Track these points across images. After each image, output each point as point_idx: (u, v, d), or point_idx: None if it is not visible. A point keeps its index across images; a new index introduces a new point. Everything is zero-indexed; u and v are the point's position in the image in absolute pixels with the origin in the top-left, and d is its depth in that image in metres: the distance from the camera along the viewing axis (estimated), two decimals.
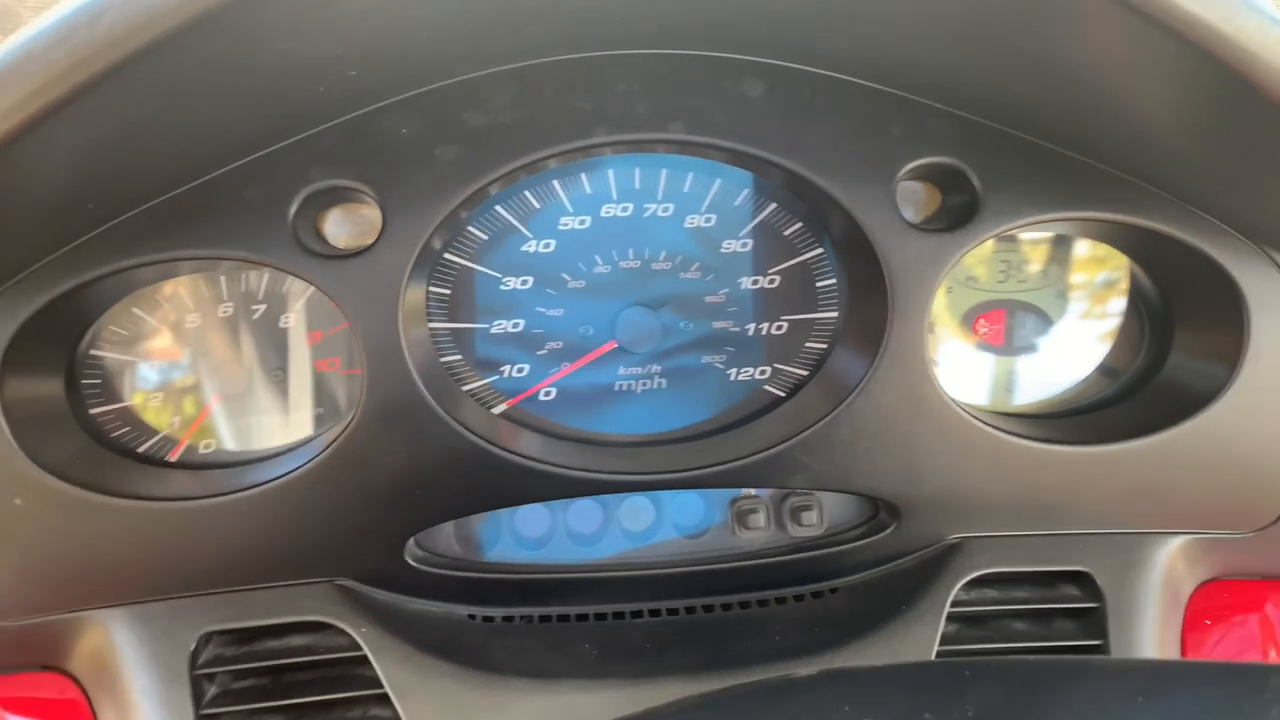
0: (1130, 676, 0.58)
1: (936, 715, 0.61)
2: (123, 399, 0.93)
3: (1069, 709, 0.57)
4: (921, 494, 0.90)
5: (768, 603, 0.95)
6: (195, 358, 0.94)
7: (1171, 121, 0.76)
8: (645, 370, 0.96)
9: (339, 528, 0.86)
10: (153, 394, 0.94)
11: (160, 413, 0.94)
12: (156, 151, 0.75)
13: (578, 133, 0.83)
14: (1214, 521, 0.94)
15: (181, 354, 0.94)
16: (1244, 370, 0.87)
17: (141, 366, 0.93)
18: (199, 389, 0.94)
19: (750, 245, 0.96)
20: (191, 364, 0.94)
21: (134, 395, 0.93)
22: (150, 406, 0.93)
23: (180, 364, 0.94)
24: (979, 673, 0.66)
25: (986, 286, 1.01)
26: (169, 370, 0.94)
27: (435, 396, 0.84)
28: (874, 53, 0.81)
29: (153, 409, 0.94)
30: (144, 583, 0.86)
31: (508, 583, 0.93)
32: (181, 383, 0.94)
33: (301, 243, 0.81)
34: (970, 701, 0.62)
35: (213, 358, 0.94)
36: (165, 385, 0.94)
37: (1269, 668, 0.55)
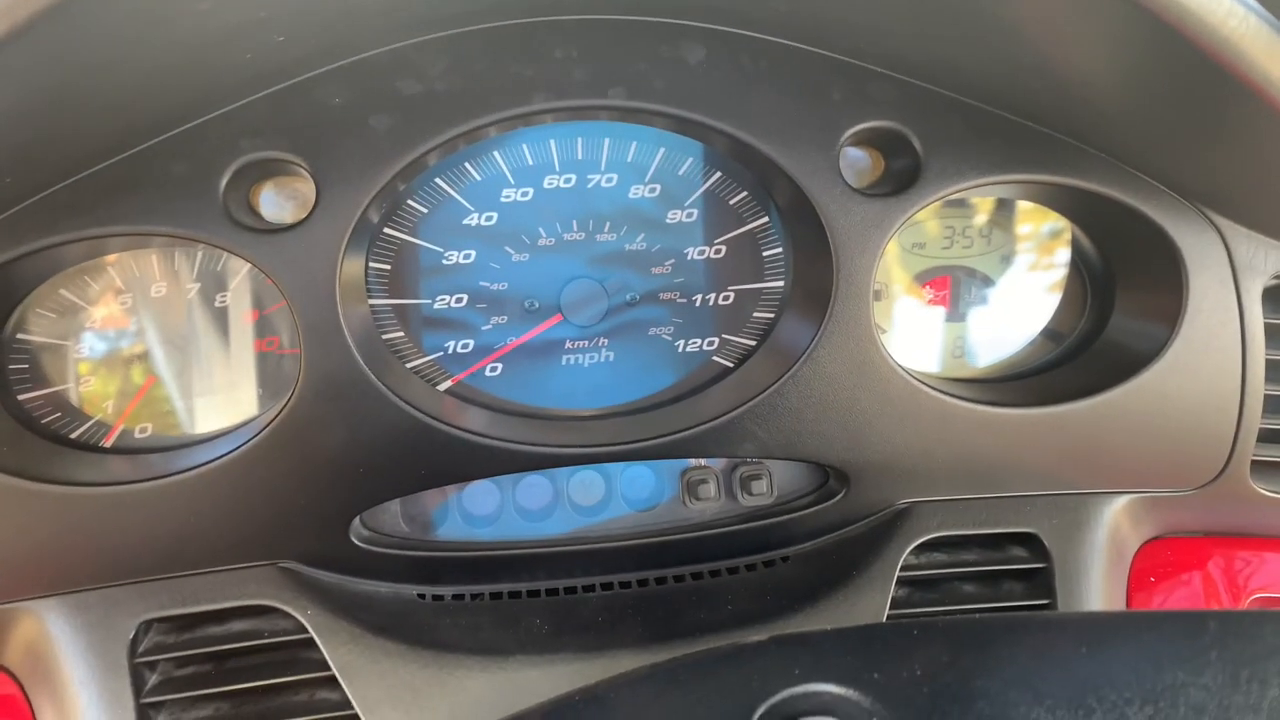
0: (1073, 628, 0.59)
1: (885, 675, 0.62)
2: (52, 384, 0.90)
3: (1014, 662, 0.58)
4: (869, 459, 0.90)
5: (720, 573, 0.95)
6: (128, 339, 0.91)
7: (1108, 82, 0.76)
8: (592, 343, 0.95)
9: (281, 509, 0.84)
10: (84, 378, 0.91)
11: (93, 397, 0.91)
12: (77, 123, 0.73)
13: (516, 100, 0.81)
14: (1157, 480, 0.95)
15: (113, 336, 0.91)
16: (1183, 329, 0.88)
17: (71, 349, 0.90)
18: (133, 372, 0.91)
19: (696, 215, 0.95)
20: (124, 346, 0.91)
21: (64, 380, 0.90)
22: (82, 391, 0.91)
23: (112, 346, 0.91)
24: (926, 632, 0.66)
25: (932, 253, 1.01)
26: (101, 353, 0.91)
27: (377, 373, 0.82)
28: (813, 16, 0.81)
29: (84, 393, 0.91)
30: (79, 571, 0.84)
31: (457, 560, 0.92)
32: (114, 366, 0.91)
33: (233, 217, 0.79)
34: (918, 660, 0.62)
35: (146, 339, 0.91)
36: (97, 369, 0.91)
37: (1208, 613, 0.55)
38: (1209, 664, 0.49)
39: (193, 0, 0.61)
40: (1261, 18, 0.63)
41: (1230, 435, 0.92)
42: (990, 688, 0.57)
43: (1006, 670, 0.58)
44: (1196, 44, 0.62)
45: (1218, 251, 0.88)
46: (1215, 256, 0.88)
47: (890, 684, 0.60)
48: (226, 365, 0.93)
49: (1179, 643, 0.53)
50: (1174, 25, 0.62)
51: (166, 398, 0.92)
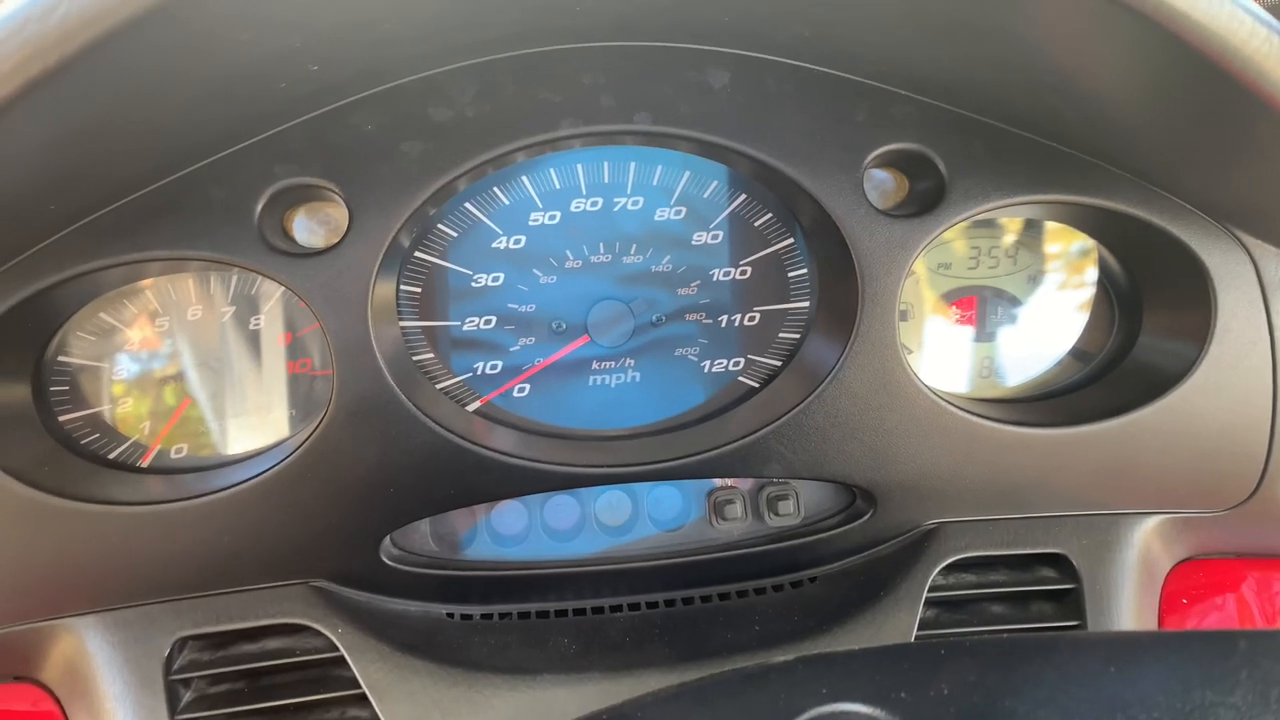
0: (1100, 648, 0.59)
1: (911, 694, 0.61)
2: (91, 405, 0.92)
3: (1042, 682, 0.57)
4: (896, 479, 0.90)
5: (747, 593, 0.95)
6: (164, 362, 0.93)
7: (1131, 102, 0.77)
8: (618, 364, 0.96)
9: (313, 528, 0.86)
10: (122, 400, 0.93)
11: (130, 419, 0.93)
12: (119, 150, 0.75)
13: (544, 125, 0.83)
14: (1187, 500, 0.95)
15: (150, 358, 0.93)
16: (1211, 348, 0.88)
17: (109, 372, 0.92)
18: (169, 393, 0.93)
19: (721, 237, 0.96)
20: (161, 368, 0.93)
21: (103, 402, 0.92)
22: (120, 412, 0.93)
23: (149, 368, 0.93)
24: (953, 651, 0.66)
25: (958, 273, 1.02)
26: (137, 375, 0.93)
27: (408, 394, 0.84)
28: (836, 40, 0.82)
29: (122, 415, 0.93)
30: (116, 589, 0.85)
31: (485, 580, 0.93)
32: (150, 387, 0.93)
33: (268, 241, 0.81)
34: (945, 679, 0.62)
35: (182, 361, 0.93)
36: (135, 391, 0.93)
37: (1238, 632, 0.55)
38: (1239, 683, 0.49)
39: (233, 31, 0.63)
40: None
41: (1262, 455, 0.91)
42: (1018, 708, 0.57)
43: (1034, 690, 0.58)
44: (1219, 65, 0.63)
45: (1246, 270, 0.88)
46: (1244, 275, 0.88)
47: (917, 703, 0.60)
48: (260, 387, 0.94)
49: (1208, 662, 0.52)
50: (1196, 47, 0.62)
51: (201, 419, 0.94)
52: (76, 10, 0.55)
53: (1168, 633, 0.85)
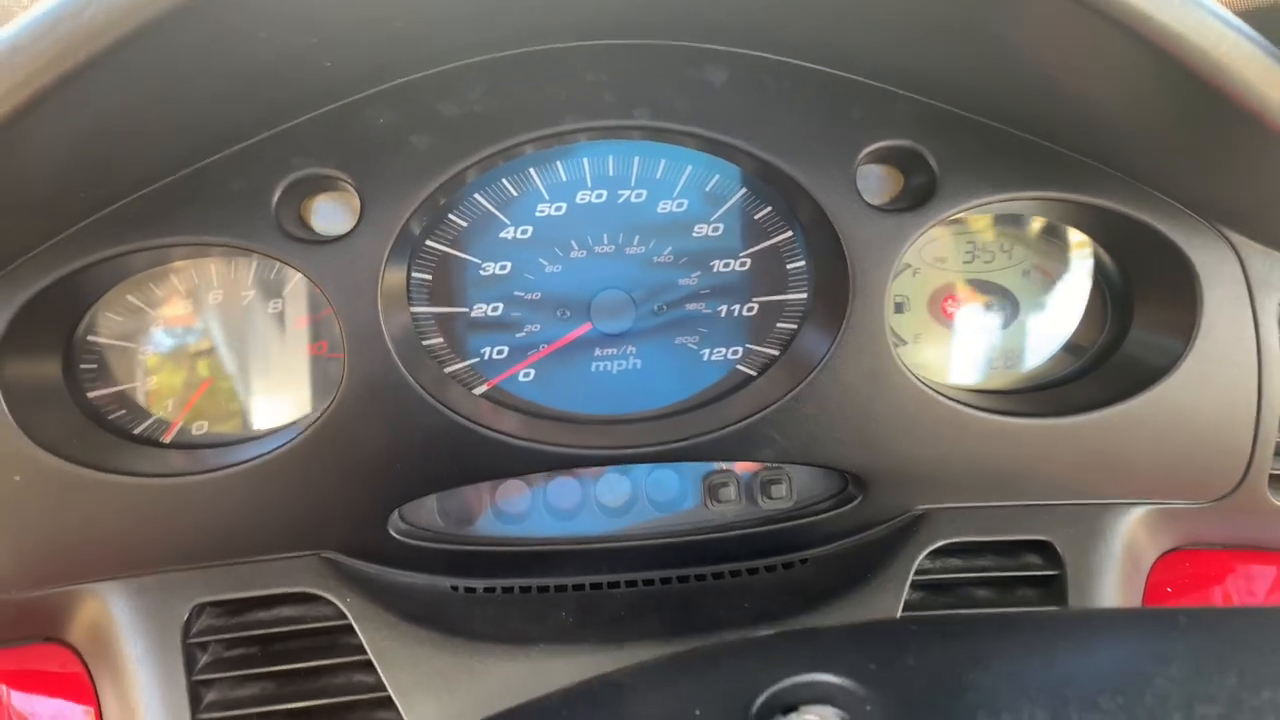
0: (1057, 624, 0.62)
1: (882, 666, 0.65)
2: (118, 383, 0.96)
3: (1002, 655, 0.60)
4: (885, 466, 0.93)
5: (740, 573, 0.98)
6: (188, 343, 0.98)
7: (1116, 105, 0.79)
8: (620, 351, 1.00)
9: (324, 502, 0.90)
10: (148, 378, 0.98)
11: (155, 396, 0.98)
12: (144, 140, 0.79)
13: (547, 120, 0.86)
14: (1173, 491, 0.97)
15: (174, 339, 0.98)
16: (1197, 344, 0.90)
17: (136, 352, 0.97)
18: (192, 372, 0.98)
19: (722, 229, 0.99)
20: (185, 349, 0.98)
21: (130, 379, 0.97)
22: (145, 390, 0.97)
23: (173, 349, 0.98)
24: (923, 627, 0.69)
25: (954, 267, 1.04)
26: (163, 355, 0.98)
27: (417, 376, 0.88)
28: (832, 40, 0.85)
29: (148, 392, 0.98)
30: (139, 556, 0.90)
31: (488, 555, 0.97)
32: (175, 367, 0.98)
33: (284, 229, 0.85)
34: (914, 653, 0.65)
35: (205, 342, 0.98)
36: (160, 369, 0.98)
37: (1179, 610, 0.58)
38: (1175, 657, 0.52)
39: (252, 28, 0.67)
40: (1253, 41, 0.66)
41: (1247, 449, 0.93)
42: (980, 680, 0.60)
43: (995, 663, 0.61)
44: (1191, 69, 0.65)
45: (1232, 268, 0.90)
46: (1230, 273, 0.90)
47: (886, 675, 0.64)
48: (279, 367, 0.99)
49: (1151, 637, 0.55)
50: (1169, 51, 0.65)
51: (223, 397, 0.99)
52: (105, 8, 0.60)
53: (1117, 610, 0.87)
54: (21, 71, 0.61)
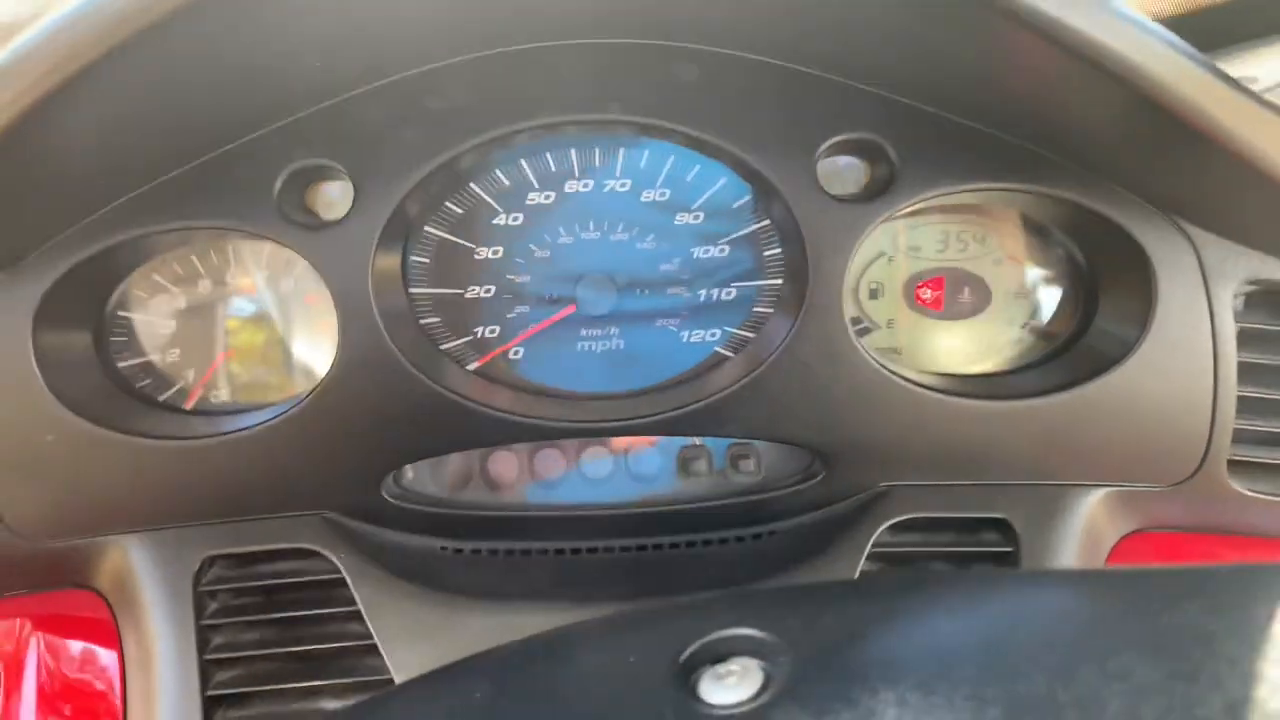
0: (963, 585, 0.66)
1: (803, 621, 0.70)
2: (144, 354, 1.06)
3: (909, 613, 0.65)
4: (845, 444, 0.98)
5: (711, 543, 1.04)
6: (208, 318, 1.07)
7: (1070, 110, 0.83)
8: (604, 332, 1.06)
9: (322, 466, 0.98)
10: (170, 350, 1.07)
11: (177, 367, 1.07)
12: (160, 132, 0.88)
13: (525, 114, 0.93)
14: (1132, 474, 1.00)
15: (196, 315, 1.06)
16: (1151, 332, 0.93)
17: (160, 325, 1.06)
18: (211, 346, 1.07)
19: (702, 218, 1.04)
20: (204, 323, 1.07)
21: (154, 351, 1.06)
22: (168, 361, 1.07)
23: (193, 323, 1.07)
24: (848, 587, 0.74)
25: (928, 255, 1.08)
26: (185, 329, 1.07)
27: (410, 352, 0.95)
28: (794, 39, 0.90)
29: (171, 363, 1.07)
30: (156, 511, 1.00)
31: (475, 519, 1.04)
32: (195, 340, 1.07)
33: (285, 214, 0.93)
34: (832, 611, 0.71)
35: (223, 317, 1.07)
36: (181, 342, 1.07)
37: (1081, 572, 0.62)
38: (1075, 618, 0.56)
39: (237, 36, 0.75)
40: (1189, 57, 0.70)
41: (1204, 434, 0.96)
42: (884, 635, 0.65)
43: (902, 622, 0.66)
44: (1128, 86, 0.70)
45: (1187, 258, 0.93)
46: (1185, 262, 0.93)
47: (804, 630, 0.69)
48: (289, 341, 1.07)
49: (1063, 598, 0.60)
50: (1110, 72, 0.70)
51: (238, 369, 1.07)
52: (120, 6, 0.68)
53: (1029, 572, 0.90)
54: (55, 57, 0.69)
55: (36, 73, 0.70)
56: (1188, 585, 0.54)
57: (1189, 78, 0.71)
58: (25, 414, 0.93)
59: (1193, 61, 0.72)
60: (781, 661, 0.66)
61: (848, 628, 0.69)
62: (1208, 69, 0.73)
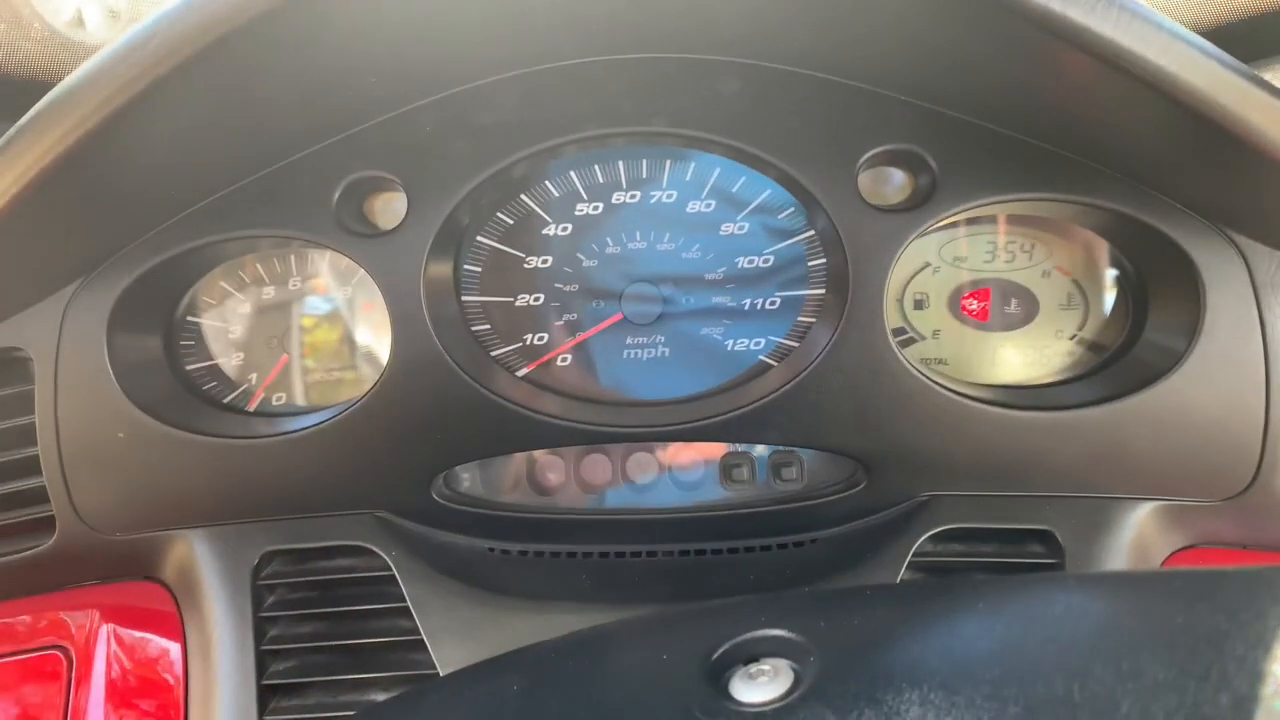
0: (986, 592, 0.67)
1: (830, 624, 0.71)
2: (211, 358, 1.11)
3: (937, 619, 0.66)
4: (887, 452, 0.98)
5: (753, 549, 1.05)
6: (270, 324, 1.11)
7: (1117, 123, 0.83)
8: (650, 340, 1.08)
9: (375, 467, 1.02)
10: (235, 354, 1.12)
11: (241, 370, 1.12)
12: (227, 145, 0.93)
13: (572, 127, 0.96)
14: (1181, 488, 0.98)
15: (259, 319, 1.11)
16: (1200, 344, 0.92)
17: (227, 330, 1.11)
18: (273, 350, 1.12)
19: (746, 228, 1.06)
20: (267, 329, 1.11)
21: (220, 355, 1.11)
22: (233, 364, 1.12)
23: (259, 329, 1.11)
24: (878, 591, 0.75)
25: (974, 266, 1.08)
26: (249, 334, 1.12)
27: (461, 357, 0.98)
28: (836, 52, 0.91)
29: (235, 366, 1.12)
30: (220, 508, 1.04)
31: (522, 521, 1.06)
32: (260, 345, 1.12)
33: (343, 224, 0.97)
34: (861, 614, 0.72)
35: (285, 323, 1.11)
36: (246, 347, 1.12)
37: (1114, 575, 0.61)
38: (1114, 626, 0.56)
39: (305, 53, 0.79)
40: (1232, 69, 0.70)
41: (1257, 448, 0.94)
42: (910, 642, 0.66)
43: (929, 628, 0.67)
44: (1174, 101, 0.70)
45: (1237, 268, 0.91)
46: (1234, 273, 0.91)
47: (833, 633, 0.70)
48: (348, 346, 1.11)
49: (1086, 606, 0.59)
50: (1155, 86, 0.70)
51: (298, 373, 1.12)
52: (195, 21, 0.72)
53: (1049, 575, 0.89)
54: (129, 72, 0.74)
55: (116, 84, 0.74)
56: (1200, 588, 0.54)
57: (1230, 87, 0.71)
58: (99, 413, 0.99)
59: (1233, 71, 0.72)
60: (811, 662, 0.67)
61: (875, 630, 0.69)
62: (1249, 78, 0.72)
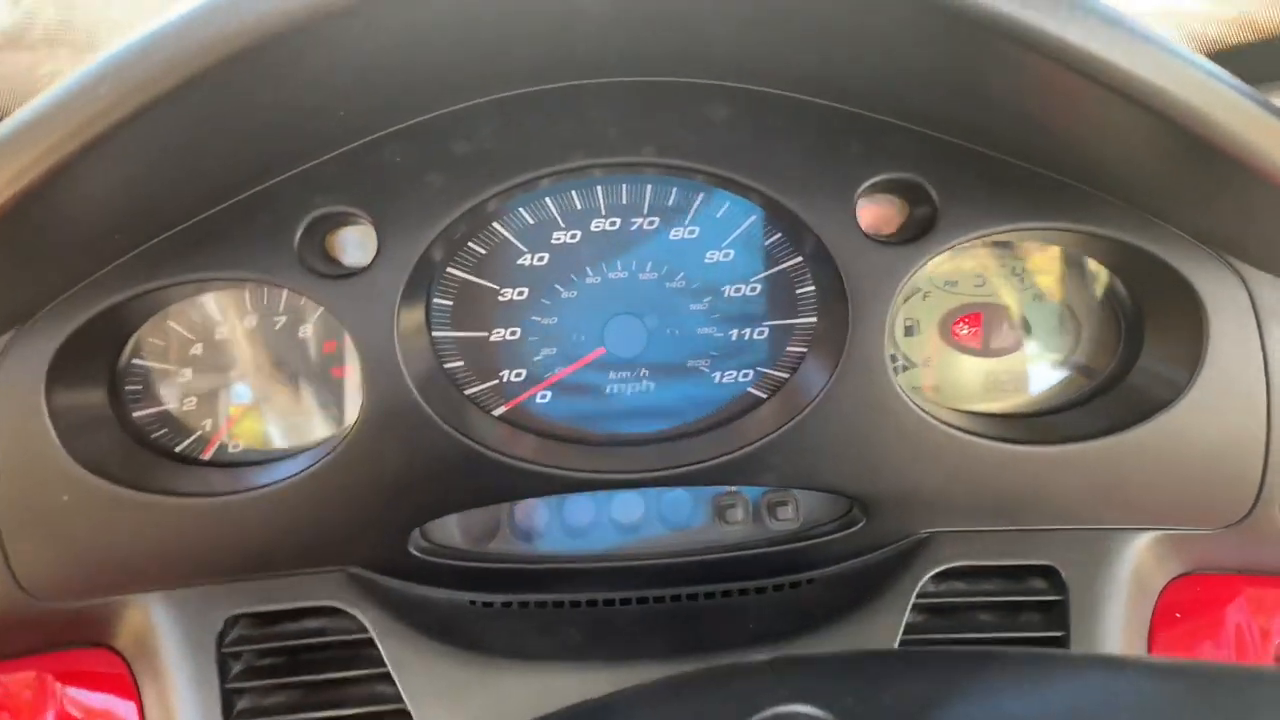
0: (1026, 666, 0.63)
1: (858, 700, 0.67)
2: (161, 403, 1.03)
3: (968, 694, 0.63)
4: (887, 491, 0.95)
5: (747, 592, 1.01)
6: (225, 365, 1.03)
7: (1116, 148, 0.80)
8: (634, 374, 1.03)
9: (347, 522, 0.95)
10: (187, 398, 1.03)
11: (194, 415, 1.04)
12: (175, 183, 0.84)
13: (556, 158, 0.90)
14: (1181, 518, 0.97)
15: (212, 362, 1.03)
16: (1203, 373, 0.90)
17: (178, 374, 1.03)
18: (229, 394, 1.04)
19: (732, 255, 1.01)
20: (221, 371, 1.04)
21: (171, 400, 1.03)
22: (185, 409, 1.03)
23: (211, 371, 1.03)
24: (906, 662, 0.72)
25: (965, 290, 1.05)
26: (202, 377, 1.03)
27: (435, 402, 0.92)
28: (830, 76, 0.86)
29: (187, 412, 1.04)
30: (178, 571, 0.96)
31: (505, 572, 1.01)
32: (213, 388, 1.04)
33: (306, 264, 0.89)
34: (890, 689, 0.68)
35: (240, 365, 1.04)
36: (199, 390, 1.04)
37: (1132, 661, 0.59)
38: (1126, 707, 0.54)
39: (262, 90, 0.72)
40: (1233, 88, 0.67)
41: (1257, 477, 0.93)
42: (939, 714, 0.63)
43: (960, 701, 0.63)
44: (1172, 121, 0.66)
45: (1240, 297, 0.90)
46: (1238, 302, 0.90)
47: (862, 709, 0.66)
48: (307, 389, 1.04)
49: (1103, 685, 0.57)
50: (1151, 107, 0.66)
51: (256, 417, 1.04)
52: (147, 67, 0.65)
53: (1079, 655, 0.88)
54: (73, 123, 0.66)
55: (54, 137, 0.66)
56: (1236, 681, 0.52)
57: (1234, 110, 0.68)
58: (40, 474, 0.90)
59: (1239, 94, 0.69)
60: None
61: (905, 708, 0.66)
62: (1256, 101, 0.70)
